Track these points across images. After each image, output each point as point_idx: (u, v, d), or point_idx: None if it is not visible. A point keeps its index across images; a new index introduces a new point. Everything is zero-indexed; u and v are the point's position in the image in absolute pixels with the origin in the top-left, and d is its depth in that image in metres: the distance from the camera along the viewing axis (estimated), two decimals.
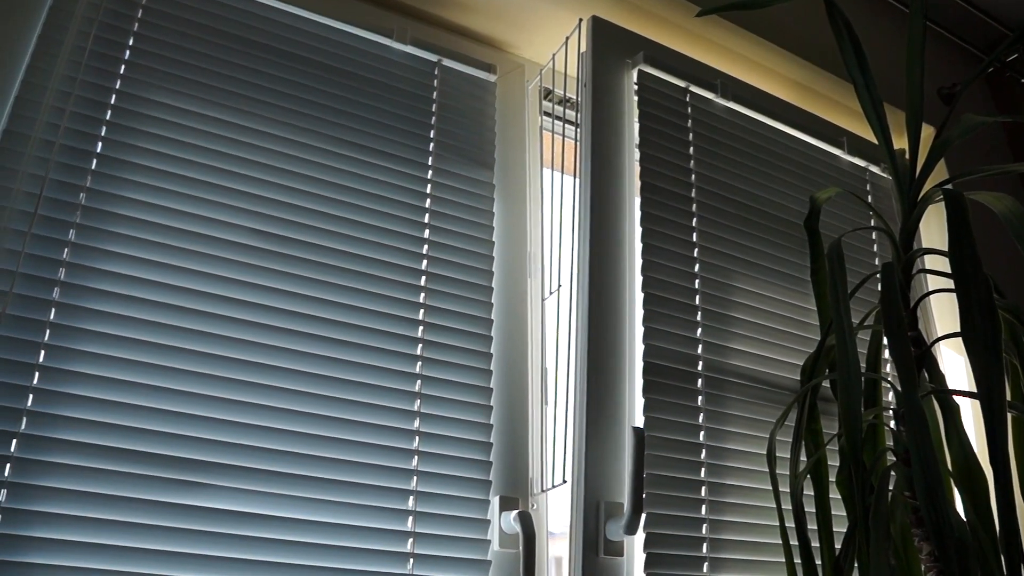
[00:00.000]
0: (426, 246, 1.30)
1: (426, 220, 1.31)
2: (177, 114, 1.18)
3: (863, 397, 1.35)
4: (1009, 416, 1.28)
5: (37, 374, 1.00)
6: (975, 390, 1.22)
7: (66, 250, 1.06)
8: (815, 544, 1.21)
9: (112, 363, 1.05)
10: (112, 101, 1.15)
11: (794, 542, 1.19)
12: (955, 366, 1.71)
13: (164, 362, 1.07)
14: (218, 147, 1.19)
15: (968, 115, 1.37)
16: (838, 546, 1.24)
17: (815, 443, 1.30)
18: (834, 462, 1.32)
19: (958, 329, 1.17)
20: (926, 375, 1.32)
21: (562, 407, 1.28)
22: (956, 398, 1.29)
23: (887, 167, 1.75)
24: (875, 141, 1.78)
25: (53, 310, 1.03)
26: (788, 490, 1.22)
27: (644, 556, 1.22)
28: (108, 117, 1.14)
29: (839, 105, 1.84)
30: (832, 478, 1.30)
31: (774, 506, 1.23)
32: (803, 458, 1.27)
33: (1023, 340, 1.31)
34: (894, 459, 1.26)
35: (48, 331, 1.02)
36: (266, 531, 1.07)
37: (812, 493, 1.27)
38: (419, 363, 1.22)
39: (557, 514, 1.28)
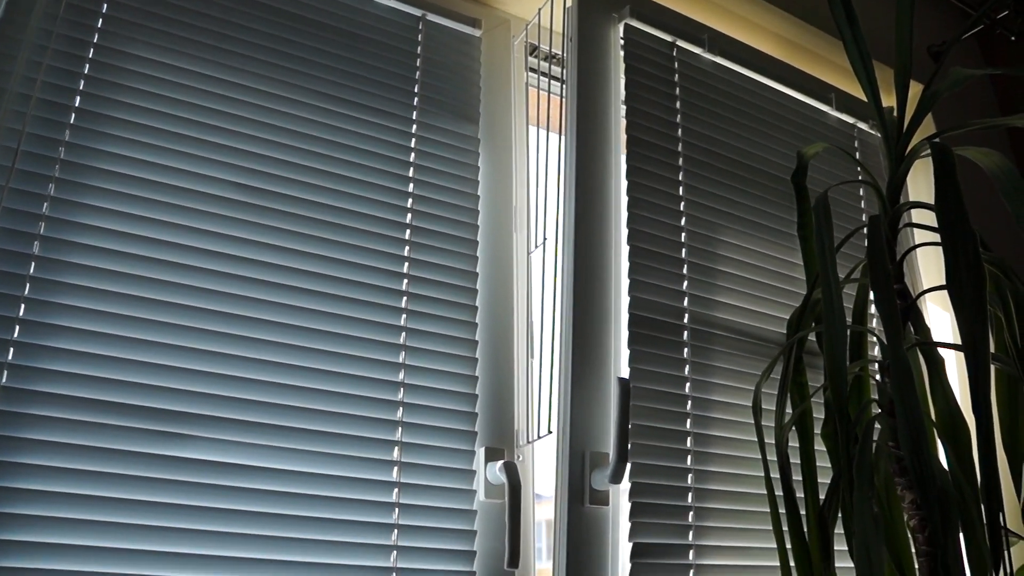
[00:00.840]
0: (410, 200, 1.29)
1: (410, 174, 1.31)
2: (156, 68, 1.17)
3: (848, 350, 1.36)
4: (993, 368, 1.29)
5: (17, 328, 1.00)
6: (960, 343, 1.23)
7: (45, 204, 1.05)
8: (800, 495, 1.22)
9: (93, 316, 1.04)
10: (90, 55, 1.13)
11: (779, 492, 1.19)
12: (940, 320, 1.72)
13: (147, 315, 1.07)
14: (198, 101, 1.19)
15: (957, 68, 1.37)
16: (822, 497, 1.25)
17: (800, 395, 1.31)
18: (819, 415, 1.33)
19: (943, 283, 1.17)
20: (911, 328, 1.32)
21: (548, 359, 1.28)
22: (941, 351, 1.30)
23: (875, 124, 1.74)
24: (863, 98, 1.77)
25: (33, 264, 1.03)
26: (773, 441, 1.23)
27: (629, 506, 1.23)
28: (86, 71, 1.13)
29: (827, 62, 1.83)
30: (817, 431, 1.31)
31: (759, 457, 1.24)
32: (788, 410, 1.27)
33: (1008, 293, 1.31)
34: (879, 411, 1.27)
35: (28, 285, 1.02)
36: (250, 482, 1.07)
37: (797, 445, 1.27)
38: (404, 316, 1.22)
39: (543, 468, 1.29)
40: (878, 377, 1.31)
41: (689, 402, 1.33)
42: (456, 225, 1.32)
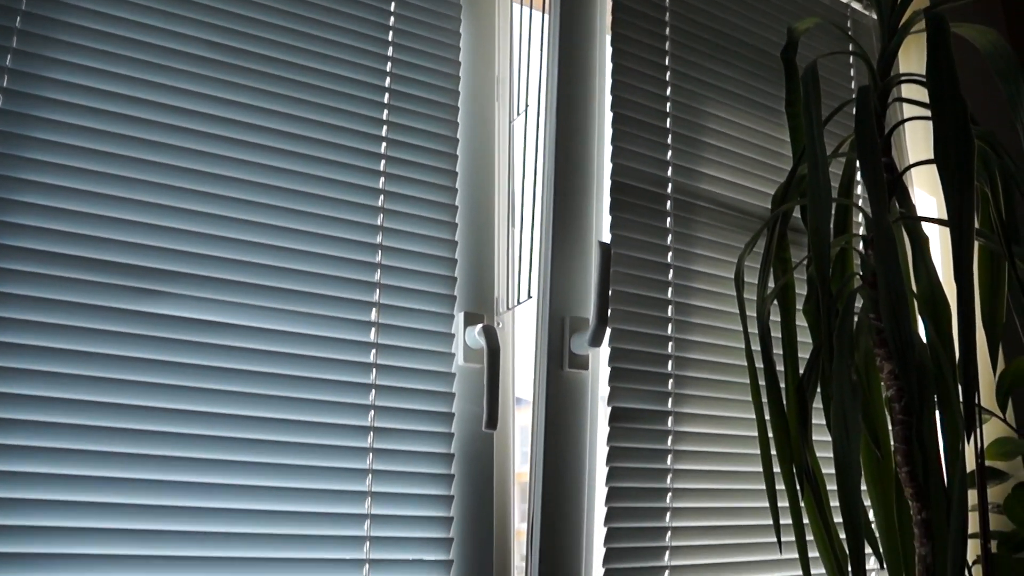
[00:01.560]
0: (389, 63, 1.26)
1: (390, 38, 1.27)
2: None
3: (833, 225, 1.36)
4: (976, 245, 1.28)
5: None
6: (944, 218, 1.23)
7: (8, 56, 1.01)
8: (780, 368, 1.22)
9: (66, 172, 1.02)
10: None
11: (759, 365, 1.19)
12: (926, 204, 1.71)
13: (120, 172, 1.05)
14: None
15: None
16: (802, 372, 1.26)
17: (783, 270, 1.30)
18: (802, 291, 1.32)
19: (931, 157, 1.16)
20: (896, 204, 1.32)
21: (528, 225, 1.27)
22: (925, 231, 1.29)
23: (869, 2, 1.71)
24: None
25: None
26: (755, 314, 1.23)
27: (609, 371, 1.24)
28: None
29: None
30: (799, 306, 1.31)
31: (740, 329, 1.24)
32: (771, 285, 1.27)
33: (996, 169, 1.30)
34: (861, 284, 1.27)
35: None
36: (226, 339, 1.07)
37: (779, 320, 1.28)
38: (382, 178, 1.21)
39: (523, 335, 1.29)
40: (862, 249, 1.31)
41: (671, 271, 1.33)
42: (436, 90, 1.29)
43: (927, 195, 1.71)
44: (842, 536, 1.10)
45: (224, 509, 1.04)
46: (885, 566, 1.30)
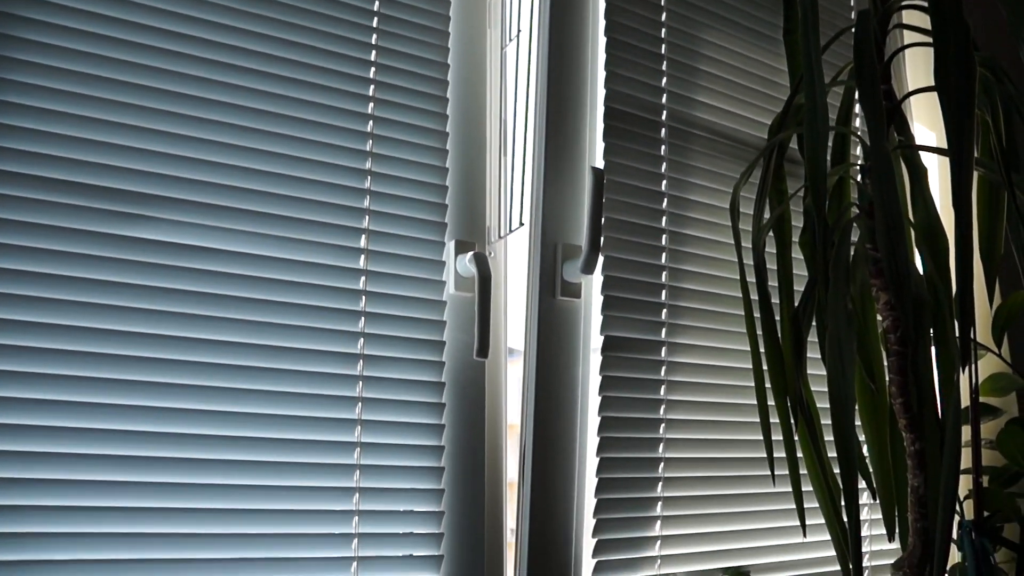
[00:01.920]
0: None
1: None
2: None
3: (831, 154, 1.34)
4: (976, 175, 1.27)
5: None
6: (944, 147, 1.21)
7: None
8: (775, 300, 1.21)
9: (49, 94, 0.99)
10: None
11: (754, 297, 1.19)
12: (925, 138, 1.69)
13: (102, 95, 1.02)
14: None
15: None
16: (798, 303, 1.25)
17: (779, 201, 1.29)
18: (798, 223, 1.31)
19: (931, 84, 1.14)
20: (895, 134, 1.30)
21: (520, 151, 1.26)
22: (924, 162, 1.27)
23: None
24: None
25: None
26: (750, 245, 1.21)
27: (601, 299, 1.23)
28: None
29: None
30: (796, 238, 1.30)
31: (735, 259, 1.23)
32: (767, 215, 1.25)
33: (997, 97, 1.28)
34: (858, 213, 1.26)
35: None
36: (211, 264, 1.05)
37: (774, 251, 1.27)
38: (371, 104, 1.18)
39: (515, 264, 1.28)
40: (860, 180, 1.30)
41: (665, 200, 1.32)
42: (426, 15, 1.25)
43: (926, 130, 1.70)
44: (836, 469, 1.09)
45: (212, 436, 1.03)
46: (877, 498, 1.31)
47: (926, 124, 1.70)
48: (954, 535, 1.33)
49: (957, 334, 1.09)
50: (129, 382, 0.99)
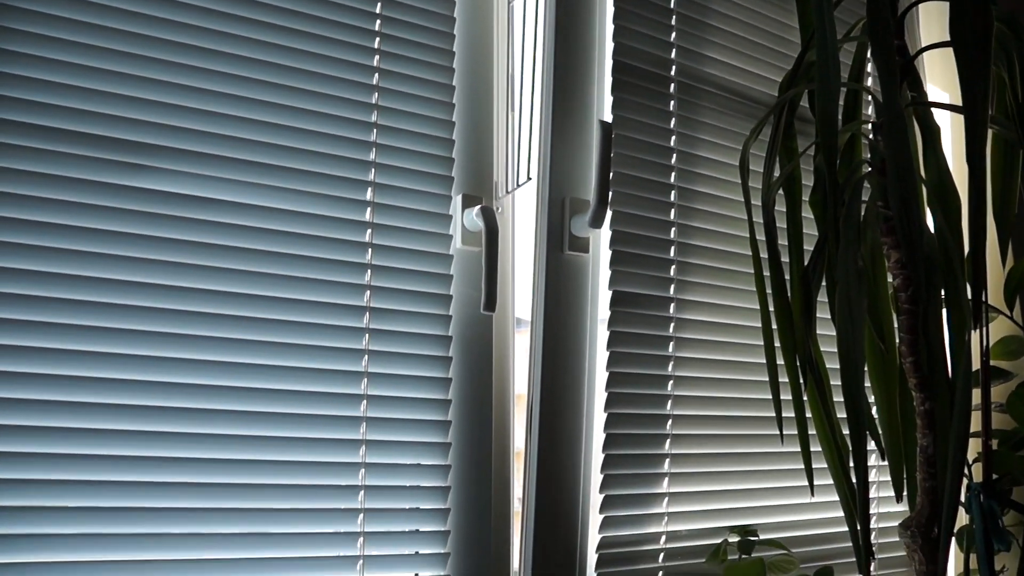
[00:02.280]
0: None
1: None
2: None
3: (843, 112, 1.32)
4: (991, 133, 1.26)
5: None
6: (957, 104, 1.20)
7: None
8: (784, 259, 1.21)
9: (50, 43, 0.99)
10: None
11: (764, 254, 1.19)
12: (938, 97, 1.68)
13: (107, 44, 1.02)
14: None
15: None
16: (808, 262, 1.24)
17: (789, 159, 1.28)
18: (808, 182, 1.30)
19: (946, 39, 1.13)
20: (908, 92, 1.29)
21: (528, 105, 1.26)
22: (937, 120, 1.26)
23: None
24: None
25: None
26: (760, 203, 1.21)
27: (610, 254, 1.23)
28: None
29: None
30: (806, 198, 1.30)
31: (745, 217, 1.23)
32: (777, 174, 1.25)
33: (1014, 52, 1.27)
34: (869, 170, 1.25)
35: None
36: (213, 215, 1.06)
37: (784, 210, 1.27)
38: (377, 57, 1.18)
39: (523, 220, 1.28)
40: (871, 137, 1.28)
41: (674, 155, 1.32)
42: None
43: (940, 92, 1.69)
44: (845, 430, 1.10)
45: (217, 387, 1.04)
46: (886, 458, 1.31)
47: (940, 86, 1.69)
48: (962, 498, 1.35)
49: (969, 296, 1.11)
50: (130, 331, 1.00)
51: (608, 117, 1.25)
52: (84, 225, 0.99)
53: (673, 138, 1.32)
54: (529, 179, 1.23)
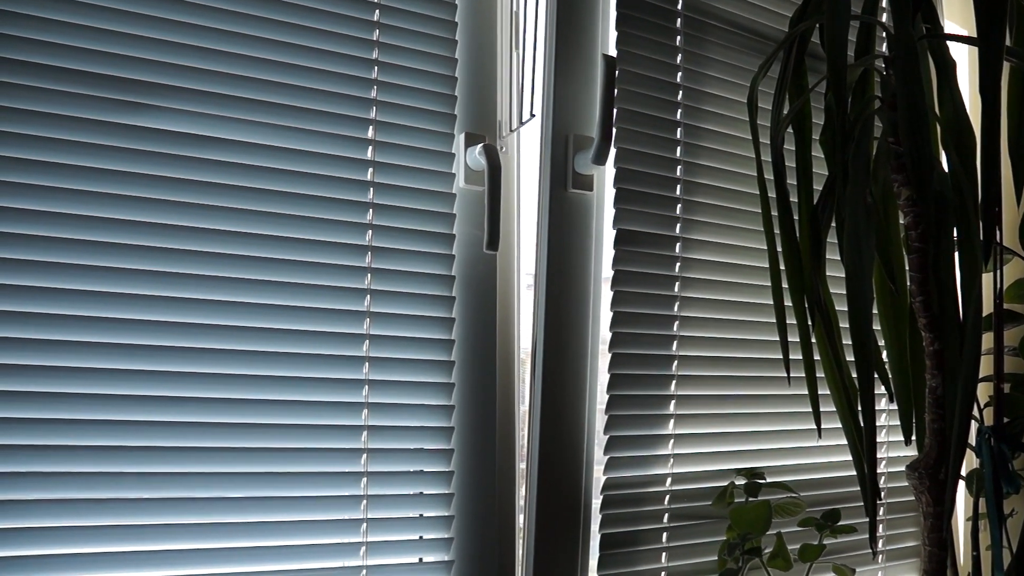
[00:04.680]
0: None
1: None
2: None
3: (854, 47, 1.35)
4: (1008, 66, 1.26)
5: None
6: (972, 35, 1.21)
7: None
8: (793, 199, 1.23)
9: None
10: None
11: (772, 194, 1.20)
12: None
13: None
14: None
15: None
16: (817, 201, 1.26)
17: (799, 95, 1.29)
18: (819, 120, 1.33)
19: None
20: (923, 25, 1.30)
21: (531, 40, 1.27)
22: (953, 57, 1.26)
23: None
24: None
25: None
26: (768, 141, 1.23)
27: (614, 192, 1.26)
28: None
29: None
30: (816, 136, 1.32)
31: (753, 155, 1.25)
32: (786, 111, 1.26)
33: None
34: (881, 106, 1.26)
35: None
36: (216, 154, 1.09)
37: (793, 149, 1.29)
38: None
39: (527, 159, 1.30)
40: (883, 72, 1.30)
41: (680, 92, 1.34)
42: None
43: (958, 28, 1.69)
44: (853, 372, 1.12)
45: (209, 326, 1.07)
46: (895, 401, 1.34)
47: (958, 22, 1.69)
48: (972, 441, 1.38)
49: (981, 236, 1.13)
50: (126, 271, 1.03)
51: (613, 52, 1.26)
52: (79, 164, 1.02)
53: (679, 74, 1.33)
54: (533, 116, 1.25)
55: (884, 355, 1.35)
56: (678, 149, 1.33)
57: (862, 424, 1.10)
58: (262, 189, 1.10)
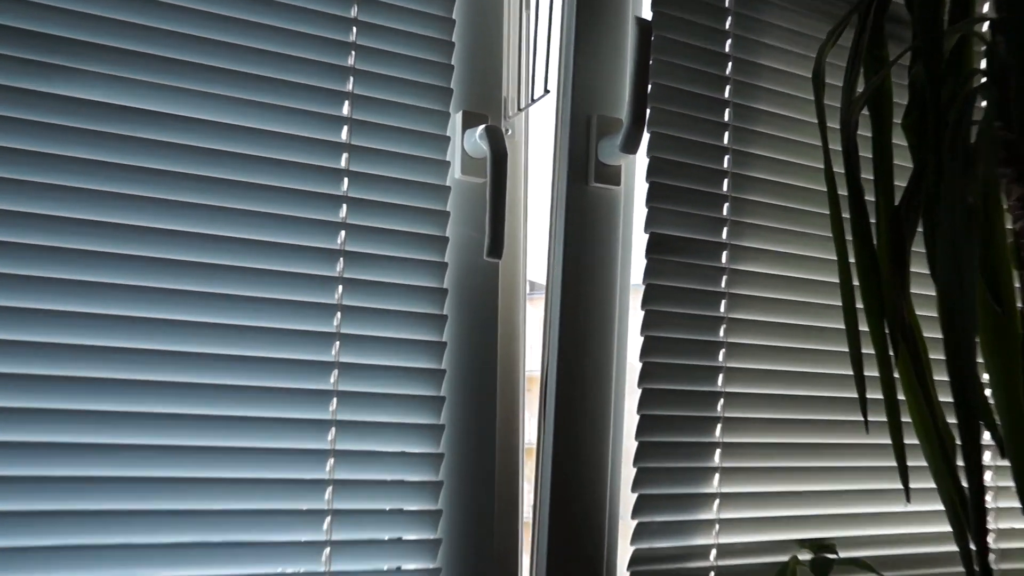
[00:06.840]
0: None
1: None
2: None
3: (949, 8, 1.25)
4: None
5: None
6: None
7: None
8: (870, 197, 1.15)
9: None
10: None
11: (843, 191, 1.13)
12: None
13: None
14: None
15: None
16: (900, 200, 1.18)
17: (877, 70, 1.21)
18: (901, 99, 1.24)
19: None
20: None
21: (548, 3, 1.19)
22: None
23: None
24: None
25: None
26: (839, 126, 1.16)
27: (647, 187, 1.18)
28: None
29: None
30: (897, 119, 1.22)
31: (819, 143, 1.17)
32: (861, 89, 1.18)
33: None
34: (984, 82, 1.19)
35: None
36: (156, 133, 0.97)
37: (869, 135, 1.20)
38: None
39: (539, 143, 1.21)
40: (988, 39, 1.21)
41: (729, 64, 1.27)
42: None
43: None
44: (950, 418, 1.07)
45: (186, 292, 0.98)
46: (1007, 456, 1.19)
47: None
48: None
49: None
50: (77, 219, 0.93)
51: (647, 14, 1.19)
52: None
53: (728, 41, 1.28)
54: (547, 92, 1.18)
55: (989, 394, 1.22)
56: (726, 135, 1.28)
57: (964, 485, 1.01)
58: (202, 176, 0.99)
